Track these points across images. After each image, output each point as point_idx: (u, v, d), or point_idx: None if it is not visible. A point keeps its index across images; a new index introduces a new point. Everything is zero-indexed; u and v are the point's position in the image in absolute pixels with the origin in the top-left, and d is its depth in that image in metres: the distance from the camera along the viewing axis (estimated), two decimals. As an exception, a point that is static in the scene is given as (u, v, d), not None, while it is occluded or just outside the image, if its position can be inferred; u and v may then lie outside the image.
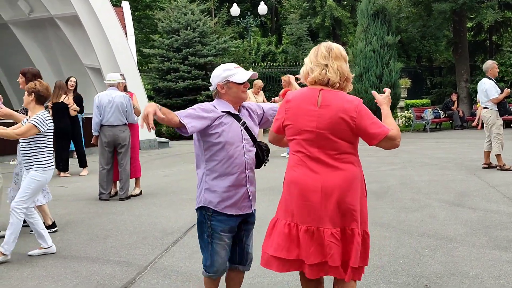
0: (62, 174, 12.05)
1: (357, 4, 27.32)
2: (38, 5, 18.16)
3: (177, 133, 20.96)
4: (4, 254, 5.85)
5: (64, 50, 18.87)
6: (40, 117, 5.91)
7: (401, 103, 24.04)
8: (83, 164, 12.32)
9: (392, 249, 5.94)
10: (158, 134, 18.81)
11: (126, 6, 19.66)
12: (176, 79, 22.29)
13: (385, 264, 5.42)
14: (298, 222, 3.52)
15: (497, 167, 11.05)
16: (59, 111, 11.69)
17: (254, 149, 3.96)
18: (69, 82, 12.42)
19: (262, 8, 32.42)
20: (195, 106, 3.86)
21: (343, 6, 34.35)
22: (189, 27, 22.98)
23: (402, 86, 23.61)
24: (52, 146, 6.13)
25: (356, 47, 22.49)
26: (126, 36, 17.87)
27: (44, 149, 6.01)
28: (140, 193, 9.44)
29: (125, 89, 9.57)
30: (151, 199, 9.04)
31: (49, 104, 11.34)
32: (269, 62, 29.46)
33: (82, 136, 14.62)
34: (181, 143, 18.81)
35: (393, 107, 21.82)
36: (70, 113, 11.91)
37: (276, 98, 14.58)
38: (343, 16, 31.82)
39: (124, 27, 18.23)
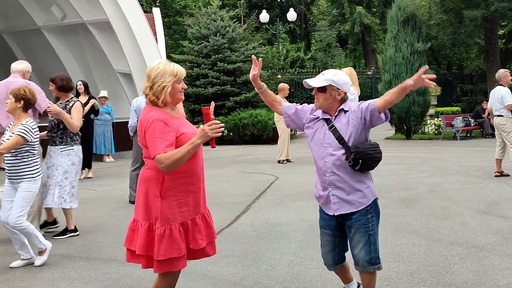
0: (90, 173, 12.21)
1: (387, 10, 27.21)
2: (71, 11, 18.43)
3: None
4: (42, 251, 5.94)
5: (96, 56, 19.12)
6: (27, 127, 5.72)
7: (431, 111, 23.84)
8: (87, 165, 12.46)
9: (421, 256, 5.89)
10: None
11: (156, 12, 19.87)
12: (205, 85, 22.42)
13: (414, 272, 5.38)
14: None
15: None
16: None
17: (338, 153, 4.10)
18: (78, 86, 12.64)
19: (291, 15, 32.48)
20: None
21: (372, 12, 34.24)
22: (218, 33, 23.12)
23: (432, 94, 23.41)
24: (37, 154, 5.93)
25: (385, 53, 22.38)
26: (157, 42, 18.05)
27: (33, 158, 5.85)
28: None
29: None
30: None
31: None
32: (297, 69, 29.46)
33: (109, 139, 14.81)
34: (208, 148, 18.91)
35: (422, 115, 21.65)
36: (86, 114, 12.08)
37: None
38: (373, 22, 31.72)
39: (155, 33, 18.41)
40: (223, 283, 5.18)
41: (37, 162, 5.90)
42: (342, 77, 4.12)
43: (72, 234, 7.17)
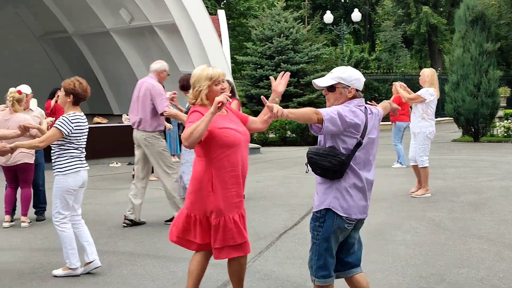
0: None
1: (454, 10, 26.61)
2: (139, 14, 18.86)
3: (267, 139, 21.24)
4: (70, 269, 5.62)
5: (162, 57, 19.34)
6: (65, 119, 5.53)
7: (500, 113, 23.13)
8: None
9: (491, 262, 5.74)
10: (250, 140, 19.07)
11: (221, 14, 20.09)
12: (268, 86, 22.48)
13: (484, 278, 5.25)
14: None
15: None
16: None
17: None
18: None
19: (356, 15, 32.19)
20: None
21: (439, 12, 33.54)
22: (282, 35, 23.16)
23: (501, 95, 22.72)
24: (82, 149, 5.72)
25: (453, 54, 21.86)
26: (221, 43, 18.24)
27: (65, 152, 5.56)
28: None
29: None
30: (244, 203, 9.15)
31: None
32: (361, 70, 29.17)
33: (174, 140, 14.98)
34: (271, 149, 18.94)
35: (491, 117, 21.03)
36: None
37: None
38: (439, 22, 31.08)
39: (219, 35, 18.62)
40: (288, 284, 5.20)
41: (71, 157, 5.57)
42: (353, 73, 3.96)
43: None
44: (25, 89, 8.17)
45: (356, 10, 33.07)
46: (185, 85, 7.58)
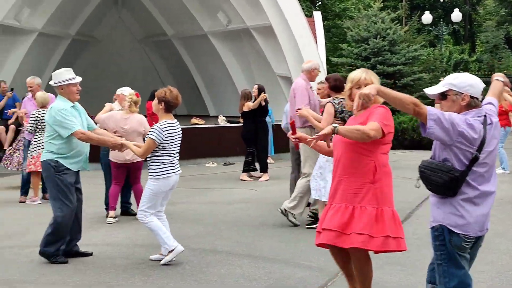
0: (245, 177, 12.49)
1: None
2: (236, 17, 19.15)
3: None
4: (170, 251, 5.96)
5: (257, 60, 19.67)
6: (157, 129, 5.88)
7: None
8: (263, 169, 12.64)
9: None
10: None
11: (317, 16, 20.04)
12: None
13: None
14: None
15: None
16: (245, 118, 12.36)
17: None
18: (253, 90, 12.90)
19: (456, 15, 31.21)
20: None
21: (546, 11, 31.96)
22: (378, 36, 22.79)
23: None
24: (174, 155, 6.02)
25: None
26: (317, 45, 18.20)
27: (158, 158, 5.93)
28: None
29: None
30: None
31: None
32: (461, 71, 28.26)
33: (269, 142, 15.02)
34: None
35: None
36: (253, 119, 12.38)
37: None
38: (546, 22, 29.55)
39: (315, 37, 18.57)
40: (386, 290, 5.10)
41: (163, 162, 5.92)
42: (466, 79, 3.70)
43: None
44: (127, 91, 8.51)
45: (456, 10, 32.08)
46: (337, 85, 7.51)
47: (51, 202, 6.24)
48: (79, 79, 6.33)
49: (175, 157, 6.04)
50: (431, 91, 3.77)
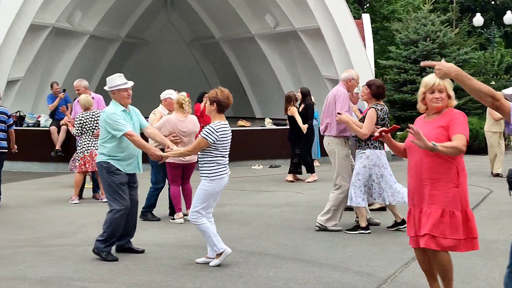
0: (290, 177, 12.48)
1: None
2: (283, 19, 19.14)
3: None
4: (219, 254, 6.02)
5: (305, 62, 19.62)
6: (211, 129, 5.91)
7: None
8: (309, 170, 12.63)
9: None
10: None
11: (366, 18, 19.87)
12: (412, 91, 21.91)
13: None
14: None
15: None
16: (291, 120, 12.41)
17: None
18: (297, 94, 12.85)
19: (508, 18, 30.53)
20: None
21: None
22: (428, 38, 22.48)
23: None
24: (226, 155, 6.07)
25: None
26: (365, 48, 18.05)
27: (212, 159, 5.95)
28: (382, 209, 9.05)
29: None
30: (388, 212, 8.97)
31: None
32: (513, 75, 27.62)
33: (316, 145, 14.96)
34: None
35: None
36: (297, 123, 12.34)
37: None
38: None
39: (363, 39, 18.40)
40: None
41: (217, 163, 5.97)
42: None
43: (363, 231, 7.46)
44: (174, 95, 8.63)
45: (508, 12, 31.36)
46: (380, 93, 7.60)
47: (107, 201, 6.58)
48: (130, 84, 6.54)
49: (227, 157, 6.11)
50: (509, 91, 3.89)
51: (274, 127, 16.68)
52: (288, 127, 12.90)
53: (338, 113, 7.57)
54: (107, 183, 6.42)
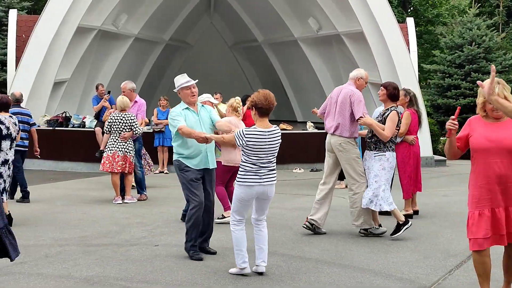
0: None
1: None
2: (327, 23, 19.08)
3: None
4: (239, 268, 5.85)
5: (347, 66, 19.47)
6: (241, 132, 5.76)
7: None
8: (340, 177, 12.45)
9: None
10: (435, 151, 18.39)
11: (410, 22, 19.64)
12: (457, 96, 21.60)
13: None
14: None
15: None
16: None
17: None
18: None
19: (557, 22, 29.77)
20: None
21: None
22: (473, 43, 22.11)
23: None
24: (261, 164, 5.75)
25: None
26: (409, 52, 17.85)
27: (243, 163, 5.80)
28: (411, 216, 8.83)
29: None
30: (430, 218, 8.88)
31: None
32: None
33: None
34: (459, 162, 18.13)
35: None
36: None
37: None
38: None
39: (407, 43, 18.21)
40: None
41: (245, 169, 5.76)
42: None
43: (406, 226, 7.39)
44: (212, 98, 8.72)
45: (557, 16, 30.65)
46: (395, 94, 7.63)
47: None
48: (192, 82, 6.70)
49: (263, 166, 5.76)
50: None
51: (316, 131, 16.60)
52: None
53: (361, 117, 7.48)
54: (181, 181, 6.60)
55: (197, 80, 6.78)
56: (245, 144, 5.71)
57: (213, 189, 6.82)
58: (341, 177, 12.45)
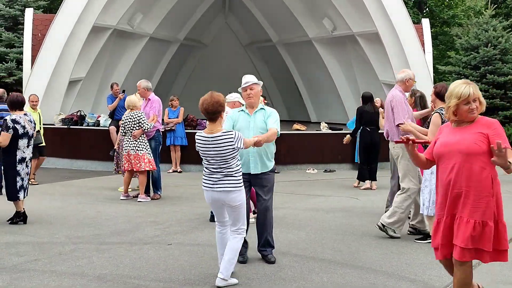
0: (359, 185, 12.36)
1: None
2: (341, 23, 19.04)
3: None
4: (222, 279, 5.52)
5: (362, 66, 19.47)
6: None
7: None
8: (371, 177, 12.43)
9: None
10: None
11: (425, 23, 19.52)
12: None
13: None
14: None
15: None
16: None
17: None
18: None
19: None
20: None
21: None
22: (489, 44, 21.95)
23: None
24: (210, 168, 5.58)
25: None
26: (424, 53, 17.77)
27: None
28: None
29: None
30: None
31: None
32: None
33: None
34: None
35: None
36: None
37: None
38: None
39: (422, 44, 18.13)
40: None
41: (203, 173, 5.66)
42: None
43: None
44: (239, 97, 8.73)
45: None
46: (441, 93, 7.41)
47: None
48: (249, 83, 6.44)
49: (215, 171, 5.55)
50: None
51: (330, 131, 16.59)
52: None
53: (400, 124, 7.46)
54: None
55: (255, 81, 6.44)
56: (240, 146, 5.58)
57: (266, 194, 6.36)
58: (362, 177, 12.45)
